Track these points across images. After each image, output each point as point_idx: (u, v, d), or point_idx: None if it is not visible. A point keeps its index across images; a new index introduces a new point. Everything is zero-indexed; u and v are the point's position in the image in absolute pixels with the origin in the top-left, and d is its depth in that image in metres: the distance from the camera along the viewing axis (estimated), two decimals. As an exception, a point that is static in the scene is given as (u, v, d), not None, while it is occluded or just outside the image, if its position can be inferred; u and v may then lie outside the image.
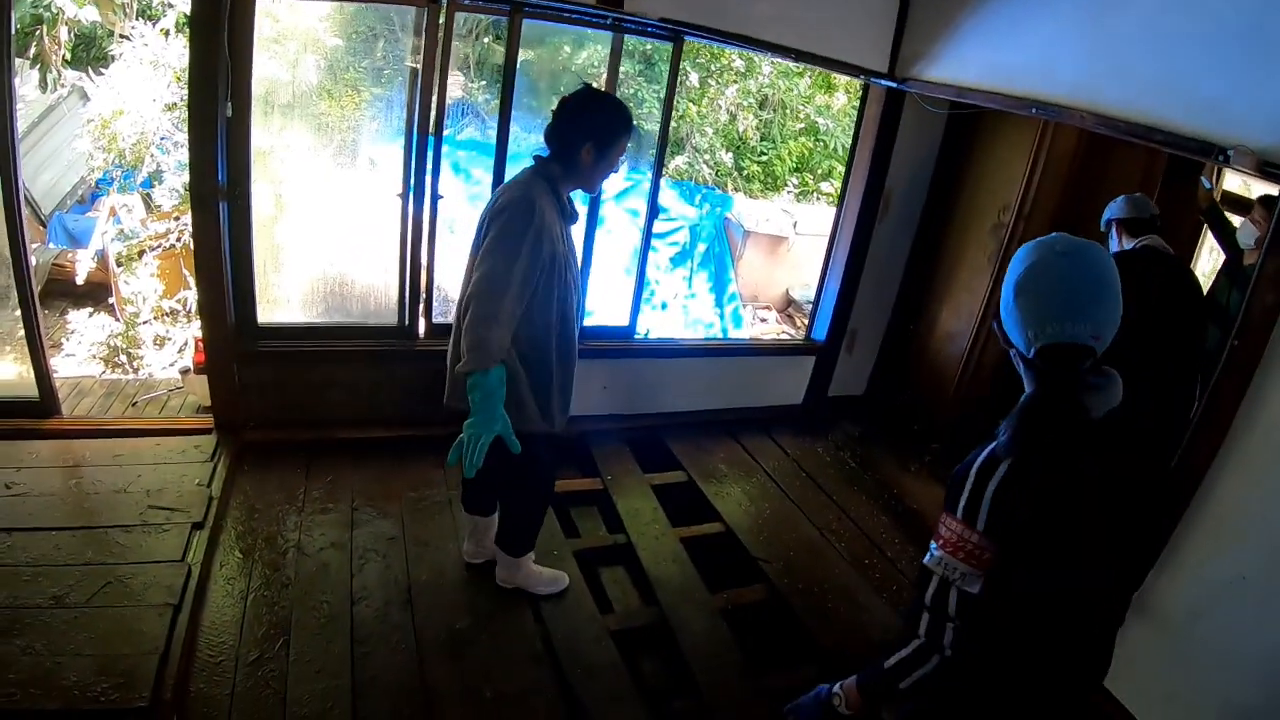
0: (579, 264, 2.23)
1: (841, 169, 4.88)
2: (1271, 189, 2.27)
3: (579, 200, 2.24)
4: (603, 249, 3.55)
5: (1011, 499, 1.05)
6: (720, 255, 7.28)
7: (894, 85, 3.30)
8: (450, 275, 2.96)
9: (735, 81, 8.58)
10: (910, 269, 3.95)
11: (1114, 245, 2.76)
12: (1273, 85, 1.86)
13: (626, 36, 3.00)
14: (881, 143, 3.55)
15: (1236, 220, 2.88)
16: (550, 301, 1.97)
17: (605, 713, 2.06)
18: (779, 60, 3.36)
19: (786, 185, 8.74)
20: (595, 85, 2.09)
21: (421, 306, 3.12)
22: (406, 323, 3.11)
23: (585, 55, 6.97)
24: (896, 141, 3.57)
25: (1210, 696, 1.93)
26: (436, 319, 3.13)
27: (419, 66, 2.78)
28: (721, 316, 7.03)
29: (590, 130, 1.93)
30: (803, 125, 8.98)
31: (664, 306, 6.90)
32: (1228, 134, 1.90)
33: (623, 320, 3.54)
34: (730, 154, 8.61)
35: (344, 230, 3.06)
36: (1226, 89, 1.97)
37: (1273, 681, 1.79)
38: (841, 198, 3.85)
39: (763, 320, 7.33)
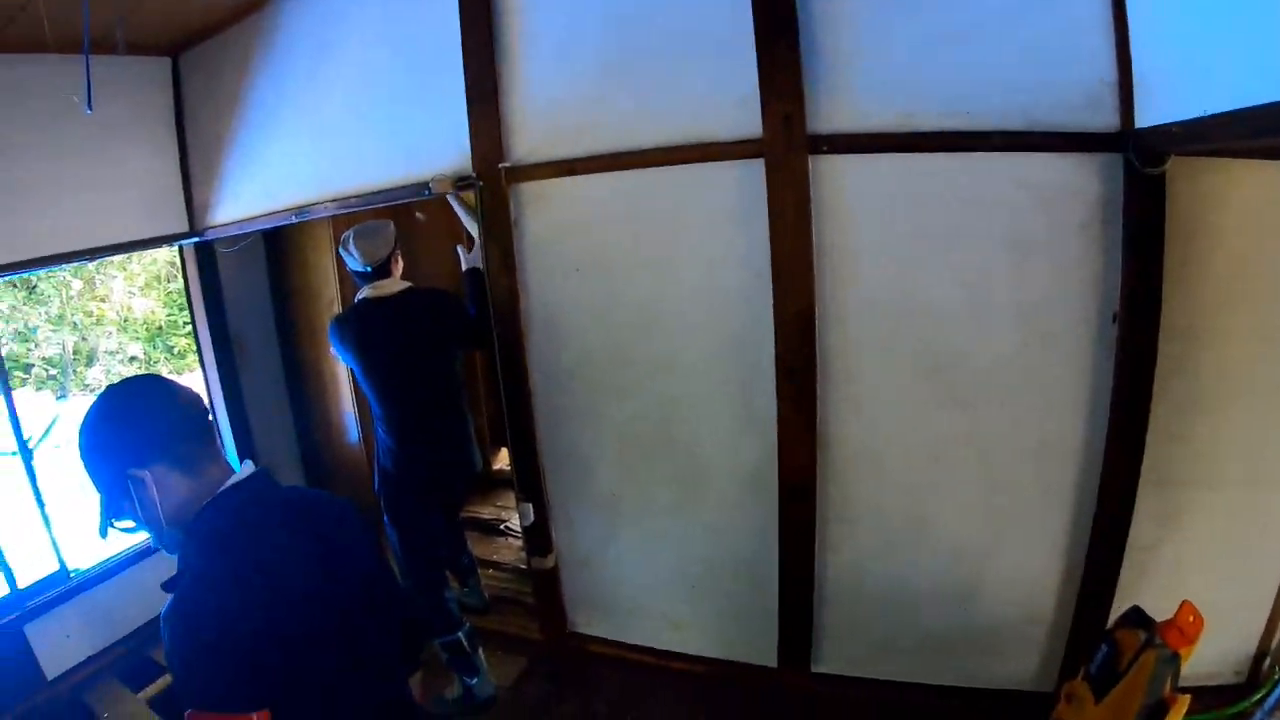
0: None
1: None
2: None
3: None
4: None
5: None
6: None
7: (198, 240, 3.27)
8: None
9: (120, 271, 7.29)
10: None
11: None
12: (439, 123, 2.40)
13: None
14: (212, 294, 3.48)
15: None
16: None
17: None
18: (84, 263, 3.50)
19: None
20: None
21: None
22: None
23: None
24: (225, 288, 3.52)
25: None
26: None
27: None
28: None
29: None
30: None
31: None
32: (425, 171, 2.44)
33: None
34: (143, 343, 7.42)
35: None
36: (418, 139, 2.48)
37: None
38: (201, 359, 3.59)
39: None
